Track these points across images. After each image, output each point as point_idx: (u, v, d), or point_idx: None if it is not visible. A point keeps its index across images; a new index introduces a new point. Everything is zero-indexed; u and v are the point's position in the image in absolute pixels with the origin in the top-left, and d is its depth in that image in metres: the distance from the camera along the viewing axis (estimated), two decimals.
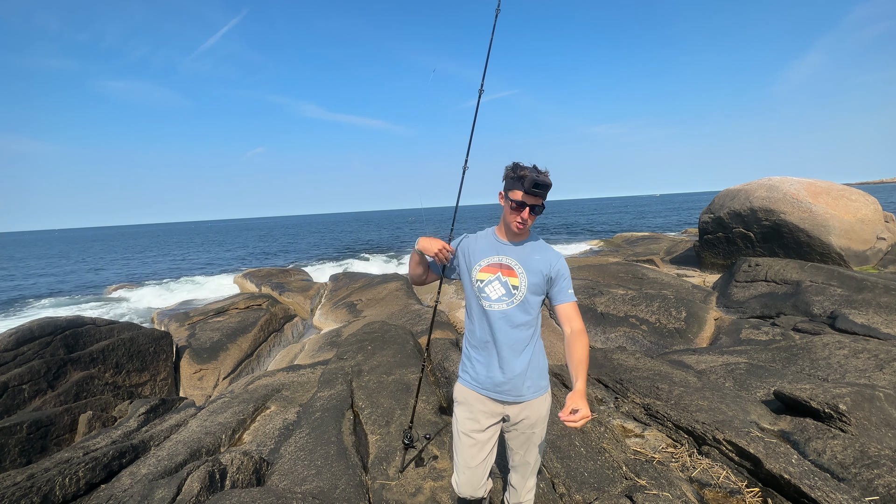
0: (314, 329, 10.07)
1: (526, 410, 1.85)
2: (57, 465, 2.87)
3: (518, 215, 1.72)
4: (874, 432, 2.74)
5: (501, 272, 1.80)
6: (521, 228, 1.76)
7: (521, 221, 1.73)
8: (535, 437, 1.89)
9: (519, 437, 1.90)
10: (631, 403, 3.51)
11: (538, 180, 1.64)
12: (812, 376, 4.02)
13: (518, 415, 1.85)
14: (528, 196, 1.68)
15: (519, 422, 1.87)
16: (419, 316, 8.09)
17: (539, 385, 1.85)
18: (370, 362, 4.57)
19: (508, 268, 1.80)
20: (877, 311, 5.34)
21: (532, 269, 1.79)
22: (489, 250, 1.84)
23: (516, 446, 1.92)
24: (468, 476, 1.87)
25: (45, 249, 59.65)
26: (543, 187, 1.66)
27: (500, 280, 1.79)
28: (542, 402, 1.88)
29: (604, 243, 21.95)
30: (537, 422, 1.87)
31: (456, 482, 1.93)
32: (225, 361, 7.50)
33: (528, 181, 1.64)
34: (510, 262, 1.81)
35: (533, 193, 1.67)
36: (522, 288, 1.78)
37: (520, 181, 1.67)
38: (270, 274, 15.27)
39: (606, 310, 7.07)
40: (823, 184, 9.77)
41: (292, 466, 2.88)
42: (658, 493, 2.37)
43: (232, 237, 65.15)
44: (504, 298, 1.78)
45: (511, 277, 1.79)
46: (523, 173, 1.67)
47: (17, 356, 5.09)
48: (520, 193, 1.68)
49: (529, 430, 1.87)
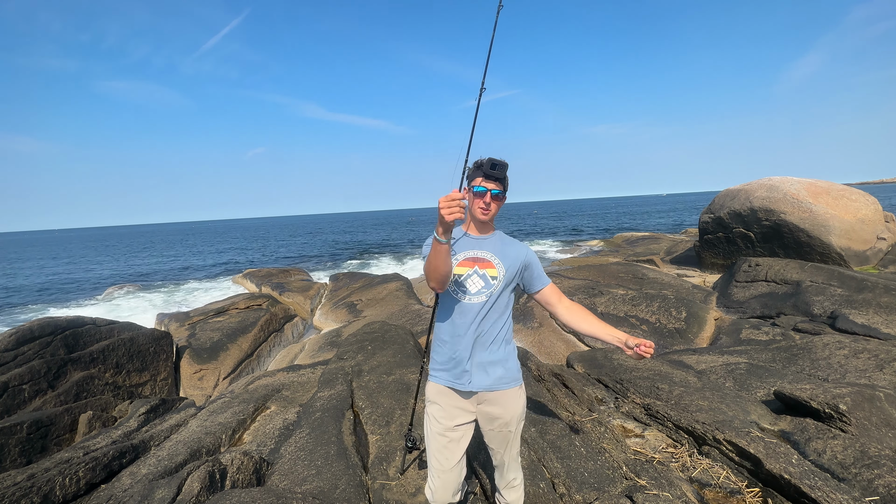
0: (314, 329, 10.07)
1: (501, 408, 1.87)
2: (57, 465, 2.86)
3: (481, 200, 1.81)
4: (874, 432, 2.74)
5: (478, 265, 1.85)
6: (486, 214, 1.83)
7: (484, 206, 1.81)
8: (511, 437, 1.93)
9: (496, 437, 1.93)
10: (631, 403, 3.51)
11: (494, 161, 1.77)
12: (812, 376, 4.02)
13: (493, 412, 1.88)
14: (487, 181, 1.79)
15: (495, 420, 1.89)
16: (419, 316, 8.09)
17: (512, 376, 1.90)
18: (370, 362, 4.57)
19: (484, 260, 1.86)
20: (877, 311, 5.34)
21: (508, 260, 1.87)
22: (463, 246, 1.89)
23: (496, 445, 1.96)
24: (443, 480, 1.86)
25: (44, 250, 59.65)
26: (500, 167, 1.77)
27: (479, 273, 1.84)
28: (516, 396, 1.91)
29: (604, 243, 21.94)
30: (512, 420, 1.91)
31: (430, 489, 1.91)
32: (225, 361, 7.50)
33: (486, 163, 1.78)
34: (485, 255, 1.87)
35: (491, 176, 1.78)
36: (500, 278, 1.84)
37: (479, 168, 1.82)
38: (270, 274, 15.28)
39: (606, 310, 7.07)
40: (824, 184, 9.77)
41: (292, 466, 2.88)
42: (658, 493, 2.37)
43: (232, 237, 65.15)
44: (483, 290, 1.83)
45: (489, 269, 1.85)
46: (480, 162, 1.83)
47: (18, 356, 5.09)
48: (480, 179, 1.80)
49: (506, 430, 1.91)
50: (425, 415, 1.95)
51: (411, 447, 2.58)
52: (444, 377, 1.89)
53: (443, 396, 1.89)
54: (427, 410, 1.94)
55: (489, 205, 1.81)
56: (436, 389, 1.91)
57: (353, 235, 50.72)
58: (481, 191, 1.80)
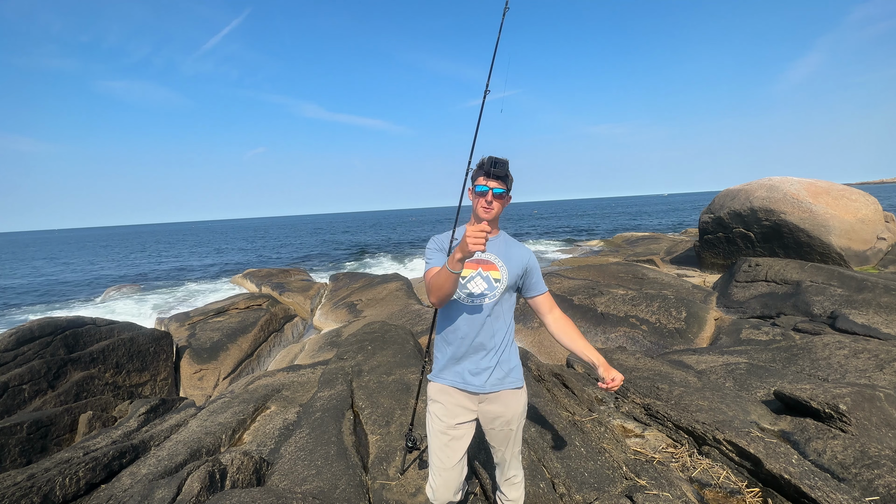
0: (314, 329, 10.07)
1: (502, 406, 1.89)
2: (57, 465, 2.86)
3: (483, 199, 1.82)
4: (874, 432, 2.74)
5: (482, 267, 1.86)
6: (489, 212, 1.83)
7: (486, 204, 1.82)
8: (512, 435, 1.94)
9: (497, 436, 1.95)
10: (631, 403, 3.51)
11: (495, 159, 1.80)
12: (812, 376, 4.02)
13: (495, 411, 1.89)
14: (489, 179, 1.80)
15: (496, 419, 1.90)
16: (419, 316, 8.09)
17: (514, 377, 1.91)
18: (370, 362, 4.57)
19: (488, 262, 1.87)
20: (877, 311, 5.34)
21: (511, 263, 1.88)
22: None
23: (496, 444, 1.97)
24: (444, 479, 1.87)
25: (44, 250, 59.66)
26: (501, 165, 1.79)
27: (482, 275, 1.85)
28: (517, 396, 1.92)
29: (604, 243, 21.95)
30: (513, 419, 1.92)
31: (431, 488, 1.92)
32: (225, 361, 7.50)
33: (487, 162, 1.80)
34: (489, 257, 1.87)
35: (493, 174, 1.79)
36: (504, 280, 1.85)
37: (480, 168, 1.83)
38: (270, 274, 15.27)
39: (606, 310, 7.07)
40: (824, 184, 9.77)
41: (292, 466, 2.88)
42: (658, 493, 2.37)
43: (232, 237, 65.16)
44: (486, 293, 1.83)
45: (492, 271, 1.85)
46: (482, 161, 1.84)
47: (18, 356, 5.09)
48: (482, 178, 1.82)
49: (507, 428, 1.92)
50: (427, 413, 1.96)
51: (411, 447, 2.58)
52: (446, 377, 1.89)
53: (445, 395, 1.90)
54: (429, 409, 1.95)
55: (491, 203, 1.82)
56: (438, 388, 1.92)
57: (353, 235, 50.72)
58: (483, 190, 1.81)
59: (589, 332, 6.87)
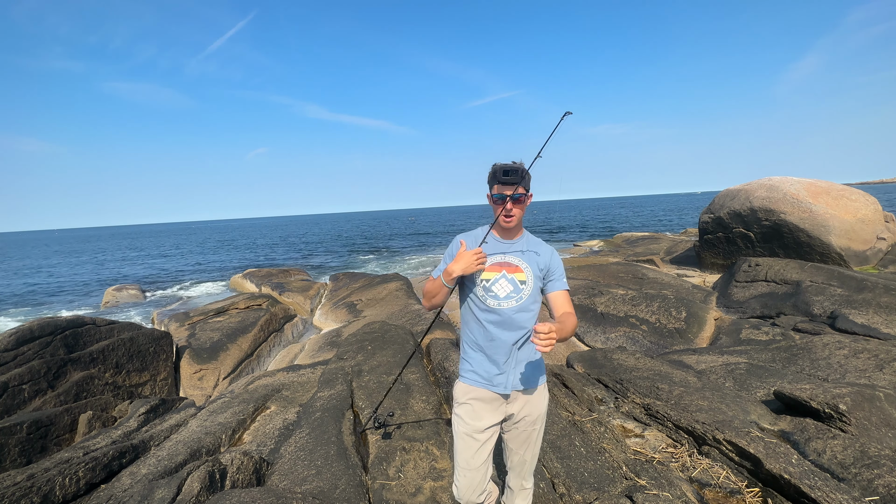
0: (314, 329, 10.06)
1: (528, 405, 1.90)
2: (57, 465, 2.86)
3: (501, 207, 1.81)
4: (874, 432, 2.74)
5: (506, 270, 1.85)
6: (509, 221, 1.83)
7: (506, 213, 1.81)
8: (534, 435, 1.94)
9: (520, 437, 1.94)
10: (631, 403, 3.51)
11: (506, 167, 1.78)
12: (812, 376, 4.02)
13: (521, 410, 1.89)
14: (503, 186, 1.80)
15: (521, 419, 1.90)
16: (419, 316, 8.09)
17: (540, 372, 1.93)
18: (370, 362, 4.57)
19: (511, 265, 1.86)
20: (877, 311, 5.34)
21: (534, 264, 1.87)
22: (490, 250, 1.88)
23: (516, 446, 1.96)
24: (469, 479, 1.87)
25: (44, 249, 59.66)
26: (513, 173, 1.77)
27: (507, 277, 1.84)
28: (541, 396, 1.94)
29: (604, 243, 21.94)
30: (538, 418, 1.93)
31: (456, 487, 1.92)
32: (225, 361, 7.50)
33: (499, 170, 1.79)
34: (512, 260, 1.87)
35: (505, 182, 1.78)
36: (529, 282, 1.84)
37: (494, 175, 1.82)
38: (270, 274, 15.28)
39: (606, 310, 7.07)
40: (823, 184, 9.77)
41: (292, 466, 2.88)
42: (658, 493, 2.37)
43: (233, 237, 65.16)
44: (512, 295, 1.83)
45: (517, 273, 1.85)
46: (495, 168, 1.82)
47: (17, 356, 5.08)
48: (497, 186, 1.82)
49: (531, 428, 1.92)
50: (453, 415, 1.96)
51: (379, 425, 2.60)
52: (475, 379, 1.89)
53: (472, 396, 1.89)
54: (455, 411, 1.95)
55: (511, 210, 1.80)
56: (465, 390, 1.92)
57: (354, 235, 50.72)
58: (500, 198, 1.80)
59: (589, 332, 6.87)
